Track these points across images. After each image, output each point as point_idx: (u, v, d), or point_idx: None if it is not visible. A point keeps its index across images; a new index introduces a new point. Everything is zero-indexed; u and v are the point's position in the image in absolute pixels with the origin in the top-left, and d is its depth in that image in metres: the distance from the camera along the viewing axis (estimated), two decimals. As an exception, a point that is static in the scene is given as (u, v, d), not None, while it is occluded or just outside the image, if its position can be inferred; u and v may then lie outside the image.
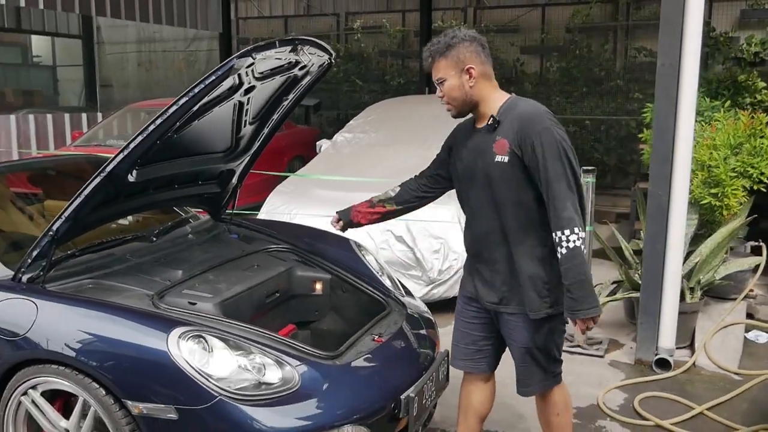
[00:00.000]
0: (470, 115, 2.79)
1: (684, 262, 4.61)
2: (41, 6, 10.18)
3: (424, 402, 3.01)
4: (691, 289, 4.61)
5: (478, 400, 3.04)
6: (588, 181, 4.43)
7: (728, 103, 5.86)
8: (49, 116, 10.58)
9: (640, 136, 6.20)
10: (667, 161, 4.07)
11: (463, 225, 2.96)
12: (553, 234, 2.53)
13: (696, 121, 5.37)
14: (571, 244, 2.49)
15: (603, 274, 5.37)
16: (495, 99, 2.69)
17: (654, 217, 4.17)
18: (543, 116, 2.57)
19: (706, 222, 4.94)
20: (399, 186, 3.11)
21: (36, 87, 16.30)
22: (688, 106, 4.00)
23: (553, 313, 2.68)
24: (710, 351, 4.44)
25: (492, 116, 2.65)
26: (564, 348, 4.53)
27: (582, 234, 2.51)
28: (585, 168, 4.46)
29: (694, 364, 4.36)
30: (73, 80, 16.52)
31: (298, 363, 2.74)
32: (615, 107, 11.39)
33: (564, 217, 2.49)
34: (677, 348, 4.44)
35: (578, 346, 4.62)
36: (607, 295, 4.92)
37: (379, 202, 3.11)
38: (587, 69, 11.71)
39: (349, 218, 3.18)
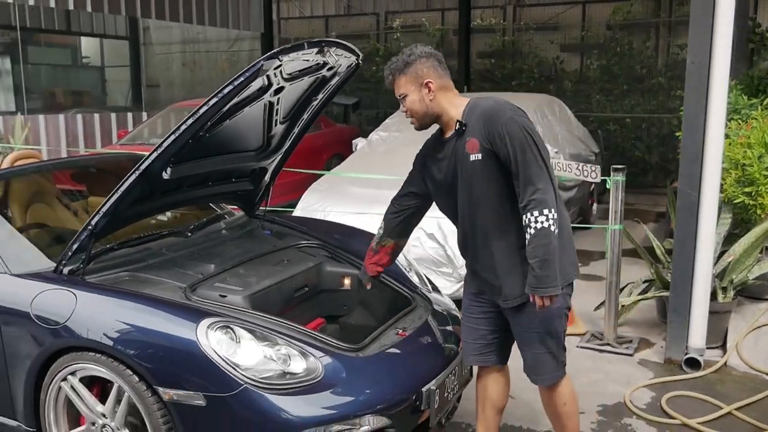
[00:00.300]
0: (437, 128, 2.92)
1: (717, 262, 4.58)
2: (89, 9, 10.48)
3: (446, 395, 3.08)
4: (724, 289, 4.57)
5: (494, 392, 3.11)
6: (617, 179, 4.43)
7: (767, 100, 5.76)
8: (96, 116, 10.91)
9: (677, 134, 6.15)
10: (697, 160, 4.06)
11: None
12: (524, 217, 2.62)
13: (733, 119, 5.34)
14: (539, 225, 2.57)
15: (636, 274, 5.36)
16: (456, 106, 2.81)
17: (684, 216, 4.16)
18: (504, 108, 2.69)
19: (740, 221, 4.89)
20: (382, 221, 3.23)
21: (85, 87, 16.73)
22: (719, 105, 3.98)
23: (558, 296, 2.71)
24: (742, 351, 4.40)
25: (458, 121, 2.77)
26: (593, 346, 4.63)
27: (551, 215, 2.58)
28: (614, 166, 4.48)
29: (725, 364, 4.33)
30: (120, 81, 16.93)
31: (322, 354, 2.83)
32: (656, 105, 11.27)
33: (533, 199, 2.58)
34: (709, 348, 4.41)
35: (608, 344, 4.63)
36: (639, 294, 4.91)
37: (378, 245, 3.23)
38: (628, 66, 11.61)
39: (367, 275, 3.31)
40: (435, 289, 3.83)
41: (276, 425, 2.63)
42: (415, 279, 3.77)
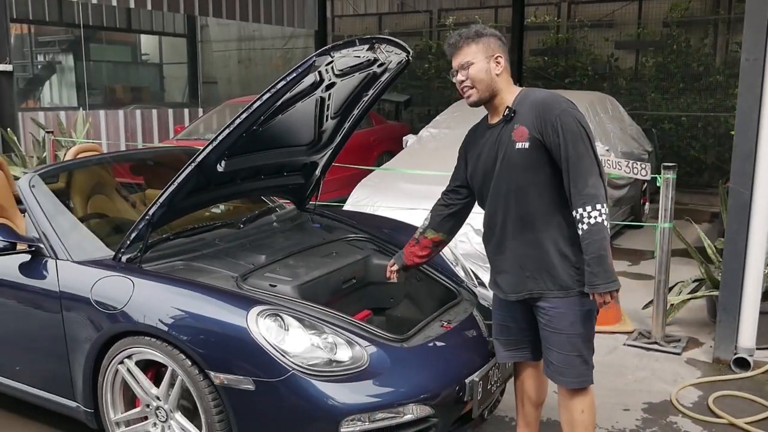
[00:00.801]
0: (481, 118, 2.91)
1: (770, 261, 4.51)
2: (149, 7, 10.77)
3: (489, 387, 3.11)
4: (776, 289, 4.51)
5: (530, 387, 3.09)
6: (669, 177, 4.39)
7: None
8: (154, 111, 11.21)
9: (732, 133, 6.05)
10: (750, 158, 4.01)
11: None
12: (574, 211, 2.58)
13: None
14: (592, 220, 2.54)
15: (687, 273, 5.30)
16: (511, 92, 2.78)
17: (735, 215, 4.11)
18: (558, 100, 2.66)
19: (794, 221, 4.79)
20: (429, 212, 3.20)
21: (143, 84, 17.16)
22: (773, 102, 3.92)
23: (589, 297, 2.66)
24: (793, 352, 4.34)
25: (507, 107, 2.74)
26: (640, 344, 4.61)
27: (604, 210, 2.55)
28: (665, 164, 4.45)
29: (775, 365, 4.27)
30: (177, 77, 17.31)
31: (368, 344, 2.90)
32: (713, 104, 11.05)
33: (586, 194, 2.55)
34: (759, 349, 4.34)
35: (655, 342, 4.60)
36: (688, 293, 4.86)
37: (421, 235, 3.19)
38: (685, 64, 11.40)
39: (403, 262, 3.28)
40: (481, 283, 3.86)
41: (321, 411, 2.70)
42: (461, 273, 3.81)
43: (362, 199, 5.93)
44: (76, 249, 3.32)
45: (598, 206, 2.55)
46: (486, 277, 4.62)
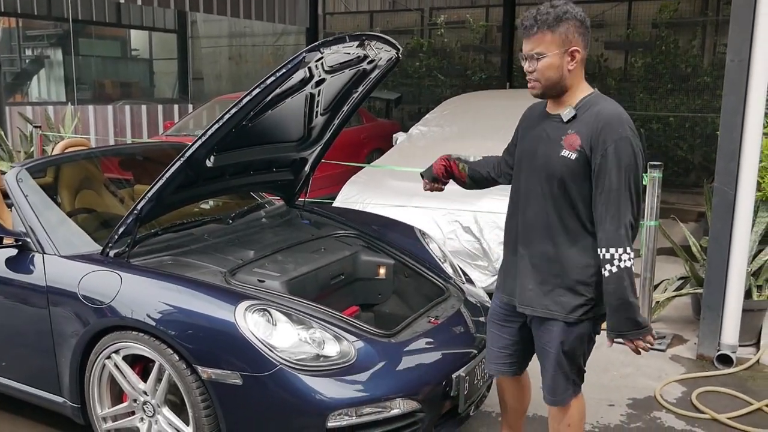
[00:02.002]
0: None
1: (753, 260, 4.56)
2: (139, 2, 10.73)
3: (475, 382, 3.14)
4: (759, 287, 4.55)
5: (512, 397, 3.04)
6: (654, 176, 4.43)
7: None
8: (143, 107, 11.18)
9: (717, 133, 6.10)
10: (734, 158, 4.05)
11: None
12: (603, 249, 2.40)
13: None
14: (622, 264, 2.36)
15: (673, 272, 5.34)
16: (582, 90, 2.53)
17: (720, 213, 4.16)
18: (624, 123, 2.41)
19: (778, 220, 4.85)
20: (482, 157, 3.01)
21: (133, 79, 17.11)
22: (757, 103, 3.97)
23: (587, 318, 2.57)
24: (775, 349, 4.39)
25: (570, 107, 2.50)
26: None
27: (632, 255, 2.39)
28: (652, 163, 4.49)
29: (758, 361, 4.32)
30: (167, 73, 17.27)
31: (356, 339, 2.92)
32: (701, 104, 11.13)
33: (619, 235, 2.37)
34: (742, 346, 4.41)
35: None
36: (673, 291, 4.91)
37: (456, 159, 3.00)
38: (673, 65, 11.47)
39: (431, 173, 3.07)
40: (469, 280, 3.90)
41: (309, 405, 2.72)
42: (449, 270, 3.84)
43: (352, 196, 5.94)
44: (64, 243, 3.32)
45: (628, 250, 2.38)
46: (473, 274, 4.68)
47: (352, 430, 2.77)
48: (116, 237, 3.21)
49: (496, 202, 4.95)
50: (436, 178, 3.07)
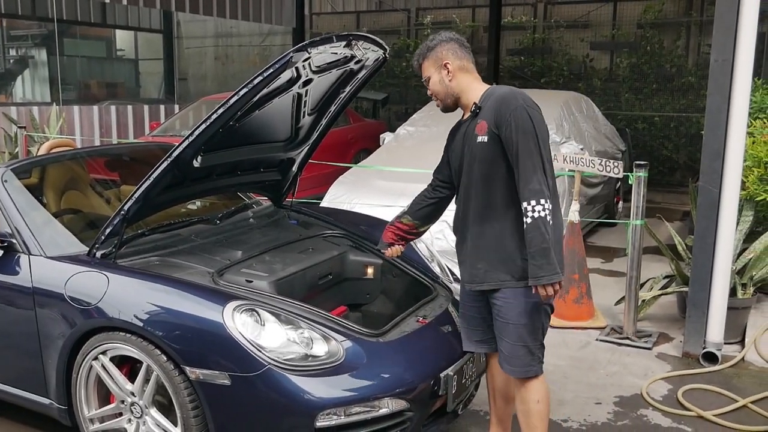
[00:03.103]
0: (459, 112, 3.00)
1: (738, 258, 4.60)
2: (125, 2, 10.68)
3: (463, 381, 3.15)
4: (744, 285, 4.60)
5: (500, 381, 3.13)
6: (640, 175, 4.46)
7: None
8: (129, 107, 11.12)
9: (702, 132, 6.15)
10: (719, 156, 4.09)
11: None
12: (521, 204, 2.68)
13: (758, 117, 5.34)
14: (535, 214, 2.63)
15: (659, 270, 5.38)
16: (476, 89, 2.90)
17: (704, 212, 4.19)
18: (517, 97, 2.74)
19: (762, 219, 4.90)
20: (414, 199, 3.30)
21: (119, 79, 16.99)
22: (741, 103, 4.01)
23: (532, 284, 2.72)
24: (760, 347, 4.42)
25: (474, 103, 2.86)
26: (612, 339, 4.68)
27: (548, 205, 2.64)
28: (637, 162, 4.52)
29: (743, 359, 4.36)
30: (153, 73, 17.17)
31: (344, 339, 2.92)
32: (685, 104, 11.22)
33: (530, 189, 2.64)
34: (728, 343, 4.45)
35: (627, 338, 4.67)
36: (659, 289, 4.94)
37: (397, 219, 3.30)
38: (658, 65, 11.55)
39: (384, 242, 3.32)
40: (456, 279, 3.90)
41: (297, 405, 2.72)
42: (436, 269, 3.85)
43: (339, 196, 5.94)
44: (50, 244, 3.30)
45: (542, 201, 2.64)
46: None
47: (341, 429, 2.77)
48: (103, 238, 3.19)
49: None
50: (391, 245, 3.32)
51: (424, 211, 3.24)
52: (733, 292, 4.46)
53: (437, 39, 2.95)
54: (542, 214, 2.64)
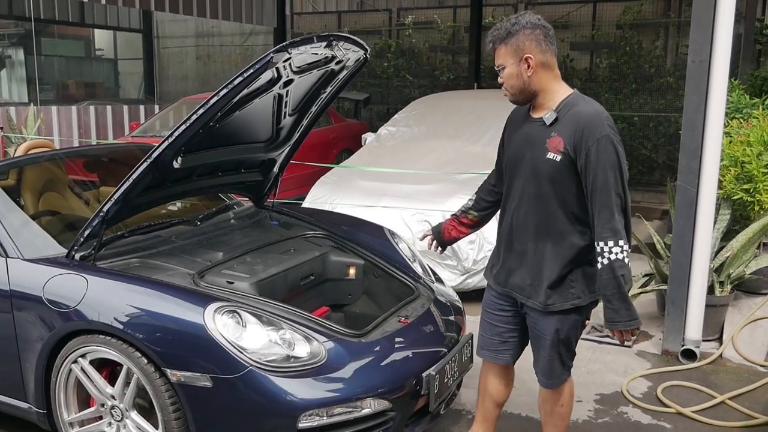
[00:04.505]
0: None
1: (715, 257, 4.65)
2: (103, 1, 10.59)
3: (445, 381, 3.16)
4: (721, 283, 4.65)
5: (496, 387, 3.08)
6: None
7: (768, 100, 5.81)
8: (108, 107, 11.02)
9: (680, 132, 6.22)
10: (696, 156, 4.13)
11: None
12: (596, 243, 2.52)
13: (735, 117, 5.40)
14: (613, 256, 2.48)
15: (639, 269, 5.41)
16: (556, 91, 2.64)
17: (682, 211, 4.23)
18: (603, 122, 2.52)
19: (739, 217, 4.96)
20: (475, 194, 3.13)
21: (98, 79, 16.86)
22: (718, 103, 4.06)
23: (577, 305, 2.69)
24: (737, 343, 4.47)
25: (551, 110, 2.61)
26: (592, 338, 4.71)
27: (626, 246, 2.50)
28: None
29: (720, 355, 4.41)
30: (133, 73, 17.05)
31: (326, 339, 2.92)
32: (664, 104, 11.31)
33: (610, 228, 2.48)
34: (706, 340, 4.50)
35: (607, 336, 4.70)
36: (639, 288, 4.98)
37: (463, 214, 3.14)
38: (637, 66, 11.63)
39: (441, 237, 3.20)
40: (438, 279, 3.92)
41: (280, 406, 2.72)
42: (418, 269, 3.86)
43: (321, 197, 5.93)
44: (27, 247, 3.27)
45: (620, 242, 2.49)
46: (443, 273, 4.70)
47: (324, 430, 2.78)
48: (82, 239, 3.16)
49: (464, 202, 4.98)
50: (444, 242, 3.21)
51: (491, 208, 3.08)
52: (711, 290, 4.50)
53: (520, 23, 2.59)
54: (620, 256, 2.48)
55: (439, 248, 3.26)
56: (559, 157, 2.57)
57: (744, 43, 8.43)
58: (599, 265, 2.53)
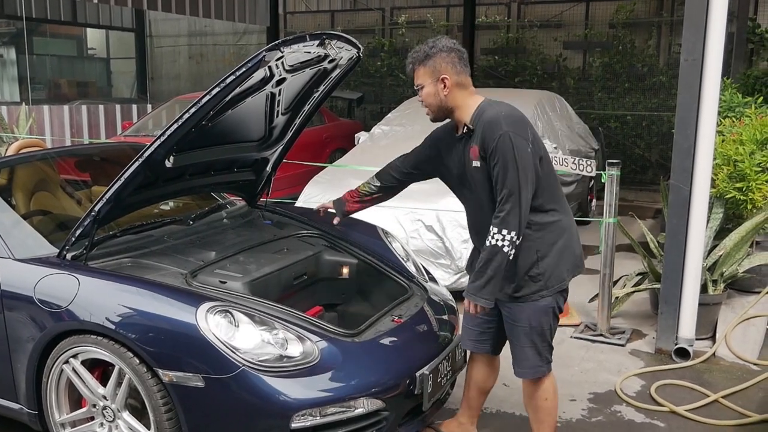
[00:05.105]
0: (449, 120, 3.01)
1: (708, 255, 4.66)
2: (95, 0, 10.55)
3: (438, 380, 3.15)
4: (714, 282, 4.66)
5: (480, 375, 3.27)
6: (613, 174, 4.50)
7: (761, 99, 5.82)
8: (101, 107, 10.97)
9: (673, 131, 6.23)
10: (689, 155, 4.14)
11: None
12: (491, 227, 2.73)
13: (727, 116, 5.42)
14: (494, 241, 2.70)
15: (632, 268, 5.43)
16: (469, 106, 2.87)
17: (675, 210, 4.24)
18: (501, 122, 2.73)
19: (732, 216, 4.97)
20: (384, 172, 3.43)
21: (90, 79, 16.81)
22: (711, 102, 4.06)
23: (547, 294, 2.87)
24: (731, 342, 4.49)
25: (465, 125, 2.86)
26: (587, 336, 4.72)
27: (509, 236, 2.69)
28: (610, 161, 4.57)
29: (713, 354, 4.42)
30: (125, 72, 17.01)
31: (319, 339, 2.91)
32: (657, 103, 11.35)
33: (500, 217, 2.71)
34: (699, 339, 4.50)
35: (601, 335, 4.71)
36: (632, 287, 4.99)
37: (367, 193, 3.46)
38: (630, 65, 11.67)
39: (343, 209, 3.53)
40: (432, 279, 3.91)
41: (272, 406, 2.71)
42: (412, 269, 3.84)
43: (314, 196, 5.91)
44: (19, 247, 3.24)
45: (504, 232, 2.69)
46: (436, 273, 4.70)
47: (317, 430, 2.76)
48: (73, 239, 3.14)
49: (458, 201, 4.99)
50: (345, 213, 3.61)
51: (395, 190, 3.44)
52: (704, 289, 4.52)
53: (437, 46, 2.86)
54: (500, 243, 2.70)
55: (336, 219, 3.59)
56: (479, 164, 2.81)
57: (736, 42, 8.47)
58: (486, 243, 2.74)
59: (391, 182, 3.39)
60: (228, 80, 2.93)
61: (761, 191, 4.67)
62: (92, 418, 3.08)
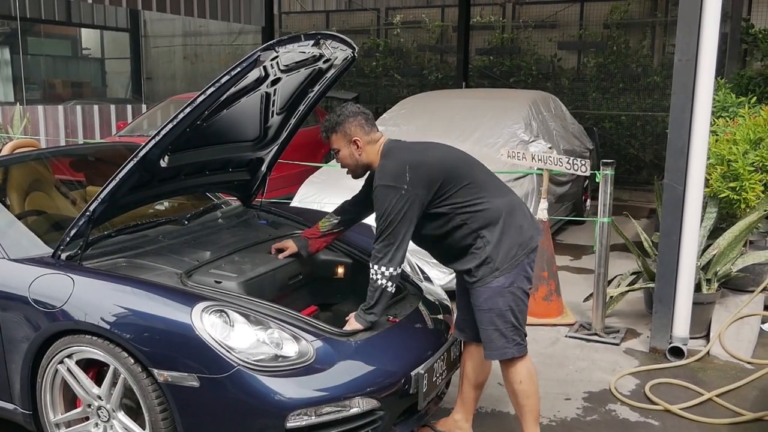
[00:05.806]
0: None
1: (702, 254, 4.68)
2: (90, 0, 10.52)
3: (434, 379, 3.16)
4: (708, 281, 4.67)
5: (470, 367, 3.36)
6: (607, 173, 4.52)
7: (754, 99, 5.85)
8: (95, 107, 10.96)
9: (667, 131, 6.25)
10: (683, 154, 4.15)
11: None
12: (371, 263, 3.03)
13: (721, 116, 5.44)
14: (373, 275, 3.02)
15: (626, 267, 5.45)
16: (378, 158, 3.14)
17: (669, 209, 4.26)
18: (382, 175, 3.01)
19: (725, 215, 4.99)
20: (340, 211, 3.60)
21: (84, 79, 16.78)
22: (705, 102, 4.08)
23: (491, 276, 2.99)
24: (724, 341, 4.51)
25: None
26: (581, 335, 4.73)
27: (381, 270, 2.99)
28: (604, 161, 4.58)
29: (708, 353, 4.44)
30: (120, 72, 16.98)
31: (314, 338, 2.91)
32: (651, 103, 11.38)
33: (373, 254, 3.02)
34: (693, 338, 4.52)
35: (595, 334, 4.73)
36: (627, 286, 5.01)
37: (328, 230, 3.58)
38: (624, 65, 11.70)
39: (307, 250, 3.58)
40: (427, 278, 3.91)
41: (268, 406, 2.70)
42: (407, 268, 3.84)
43: (309, 196, 5.92)
44: (13, 247, 3.24)
45: (376, 267, 3.00)
46: (431, 272, 4.70)
47: (312, 429, 2.76)
48: (68, 239, 3.14)
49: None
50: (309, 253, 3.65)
51: (353, 223, 3.63)
52: (698, 288, 4.54)
53: (344, 114, 3.12)
54: (373, 276, 3.01)
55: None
56: None
57: (730, 43, 8.50)
58: (371, 277, 3.04)
59: (349, 214, 3.56)
60: (223, 80, 2.93)
61: (754, 191, 4.69)
62: (87, 419, 3.08)
